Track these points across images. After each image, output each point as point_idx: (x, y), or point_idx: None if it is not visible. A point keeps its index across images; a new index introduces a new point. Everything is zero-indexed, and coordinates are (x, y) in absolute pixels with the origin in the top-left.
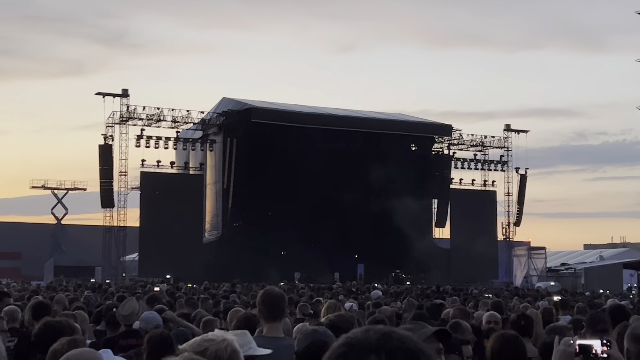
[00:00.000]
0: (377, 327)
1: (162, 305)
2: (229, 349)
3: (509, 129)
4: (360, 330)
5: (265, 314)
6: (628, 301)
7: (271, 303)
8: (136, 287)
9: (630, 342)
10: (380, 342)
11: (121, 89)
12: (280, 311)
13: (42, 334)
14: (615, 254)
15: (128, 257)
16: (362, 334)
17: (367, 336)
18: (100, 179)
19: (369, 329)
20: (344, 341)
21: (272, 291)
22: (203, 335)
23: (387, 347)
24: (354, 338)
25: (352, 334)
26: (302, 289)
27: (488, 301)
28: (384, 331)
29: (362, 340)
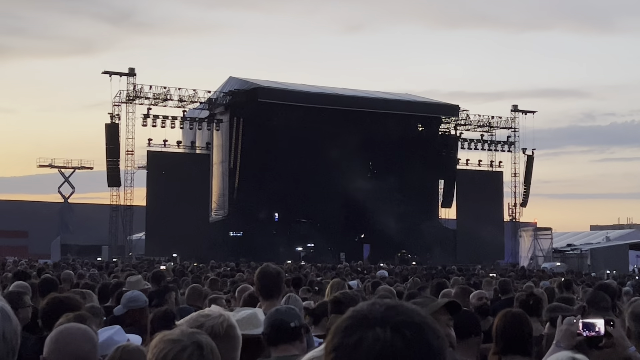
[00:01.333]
0: (384, 300)
1: (166, 283)
2: (225, 324)
3: (516, 110)
4: (366, 304)
5: (262, 292)
6: (631, 282)
7: (267, 281)
8: (143, 266)
9: (631, 321)
10: (385, 315)
11: (128, 68)
12: (277, 289)
13: (49, 310)
14: (622, 235)
15: (135, 236)
16: (368, 306)
17: (372, 309)
18: (107, 158)
19: (375, 302)
20: (350, 314)
21: (268, 269)
22: (200, 311)
23: (393, 321)
24: (359, 311)
25: (358, 306)
26: (306, 269)
27: (492, 280)
28: (390, 304)
29: (368, 313)
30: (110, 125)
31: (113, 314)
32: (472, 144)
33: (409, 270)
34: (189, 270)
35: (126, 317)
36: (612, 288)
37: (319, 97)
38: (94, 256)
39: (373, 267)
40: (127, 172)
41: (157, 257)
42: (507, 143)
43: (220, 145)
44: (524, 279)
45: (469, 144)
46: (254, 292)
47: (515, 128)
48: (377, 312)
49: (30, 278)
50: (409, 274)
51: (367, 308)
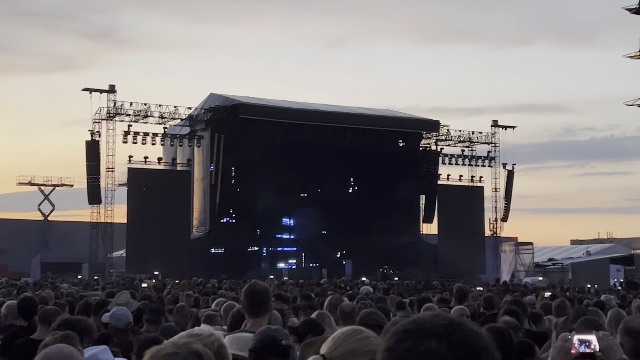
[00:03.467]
0: (447, 315)
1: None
2: (216, 343)
3: (497, 125)
4: (430, 314)
5: (249, 309)
6: (614, 296)
7: (254, 298)
8: (125, 283)
9: (624, 336)
10: (445, 329)
11: (108, 85)
12: (264, 306)
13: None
14: (602, 249)
15: (115, 254)
16: (431, 317)
17: (434, 320)
18: (87, 175)
19: (439, 314)
20: (413, 319)
21: (255, 286)
22: (189, 330)
23: (451, 337)
24: (421, 319)
25: (422, 315)
26: (290, 286)
27: (479, 294)
28: (453, 320)
29: (428, 324)
30: (91, 143)
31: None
32: (453, 159)
33: (391, 286)
34: (170, 287)
35: (112, 334)
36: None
37: (300, 113)
38: (74, 274)
39: (356, 283)
40: (108, 189)
41: (138, 275)
42: (488, 158)
43: (202, 161)
44: (507, 293)
45: (450, 159)
46: (241, 309)
47: (496, 143)
48: (437, 324)
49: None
50: (392, 289)
51: (429, 318)
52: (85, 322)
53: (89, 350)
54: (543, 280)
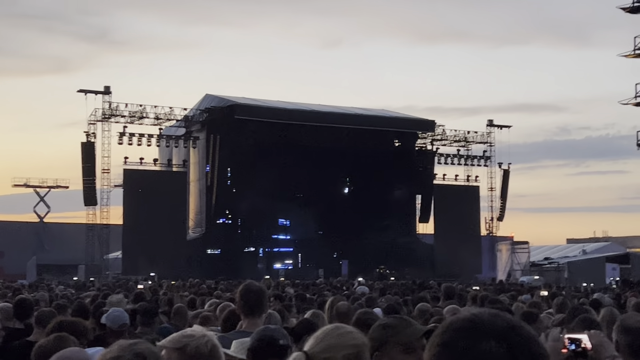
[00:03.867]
0: (506, 315)
1: (146, 303)
2: (209, 344)
3: (492, 124)
4: (487, 313)
5: (245, 309)
6: (608, 294)
7: (250, 298)
8: (120, 285)
9: (620, 334)
10: (506, 332)
11: (103, 86)
12: (260, 306)
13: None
14: (598, 248)
15: (111, 255)
16: (490, 317)
17: (494, 321)
18: (83, 177)
19: (498, 314)
20: (469, 317)
21: (251, 286)
22: (182, 331)
23: (512, 340)
24: (480, 318)
25: (479, 313)
26: (285, 286)
27: (476, 294)
28: (513, 323)
29: (488, 324)
30: (86, 144)
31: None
32: (449, 158)
33: (388, 286)
34: (165, 288)
35: (108, 336)
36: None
37: (296, 113)
38: (70, 276)
39: (352, 283)
40: (104, 190)
41: (134, 276)
42: (483, 158)
43: (197, 162)
44: (502, 292)
45: (446, 158)
46: (235, 309)
47: (491, 143)
48: (497, 325)
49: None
50: (388, 289)
51: (487, 317)
52: (80, 324)
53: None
54: (539, 279)
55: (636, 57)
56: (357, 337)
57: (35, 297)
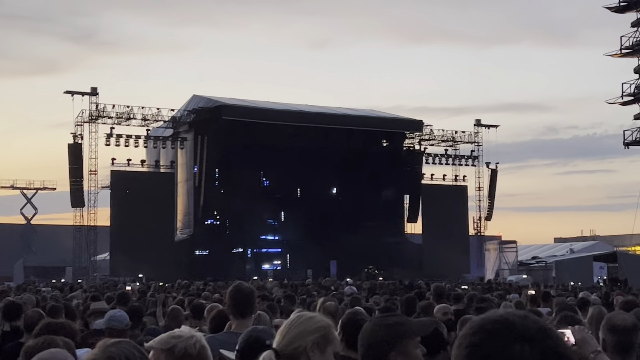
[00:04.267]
0: (535, 317)
1: (133, 304)
2: (197, 345)
3: (480, 124)
4: (517, 315)
5: (234, 310)
6: (597, 293)
7: (239, 299)
8: (108, 287)
9: (607, 333)
10: (537, 335)
11: (90, 88)
12: (249, 307)
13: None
14: (585, 247)
15: (99, 257)
16: (520, 319)
17: (525, 323)
18: (70, 179)
19: (528, 316)
20: (498, 318)
21: (240, 287)
22: (170, 332)
23: (543, 344)
24: (509, 319)
25: (509, 315)
26: (273, 287)
27: (464, 293)
28: (543, 325)
29: (519, 326)
30: (73, 145)
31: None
32: (437, 158)
33: (376, 286)
34: (153, 290)
35: (107, 336)
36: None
37: (283, 114)
38: (57, 277)
39: (341, 284)
40: (91, 192)
41: (122, 278)
42: (471, 157)
43: (185, 163)
44: (490, 292)
45: (434, 158)
46: (224, 310)
47: (479, 142)
48: (529, 328)
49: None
50: (376, 289)
51: (518, 320)
52: (67, 326)
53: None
54: (527, 278)
55: (622, 57)
56: (319, 320)
57: (24, 300)
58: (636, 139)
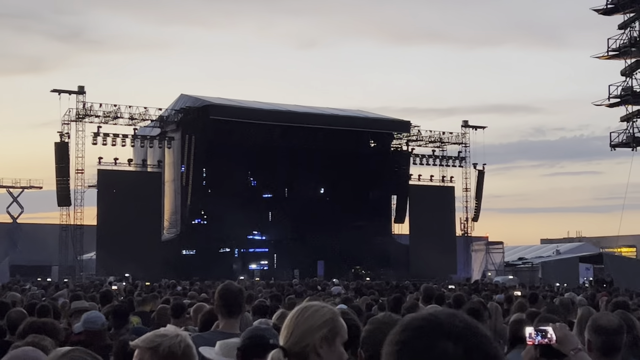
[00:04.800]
0: (463, 315)
1: (117, 303)
2: (182, 344)
3: (467, 125)
4: (445, 312)
5: (222, 310)
6: (583, 294)
7: (228, 299)
8: (95, 286)
9: (592, 333)
10: (463, 333)
11: (77, 86)
12: (238, 307)
13: (27, 335)
14: (572, 248)
15: (85, 256)
16: (447, 317)
17: (452, 321)
18: (57, 177)
19: (455, 314)
20: (427, 316)
21: (229, 286)
22: (155, 331)
23: (468, 341)
24: (437, 318)
25: (436, 312)
26: (259, 287)
27: (450, 294)
28: (470, 323)
29: (445, 324)
30: (60, 144)
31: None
32: (424, 159)
33: (363, 286)
34: (140, 289)
35: (84, 338)
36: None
37: (271, 113)
38: (44, 277)
39: (328, 284)
40: (77, 191)
41: (109, 277)
42: (458, 158)
43: (172, 163)
44: (477, 292)
45: (421, 159)
46: (212, 309)
47: (466, 143)
48: (455, 326)
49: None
50: (363, 289)
51: (445, 317)
52: (50, 324)
53: None
54: (513, 279)
55: (609, 59)
56: (325, 313)
57: (14, 299)
58: (622, 141)
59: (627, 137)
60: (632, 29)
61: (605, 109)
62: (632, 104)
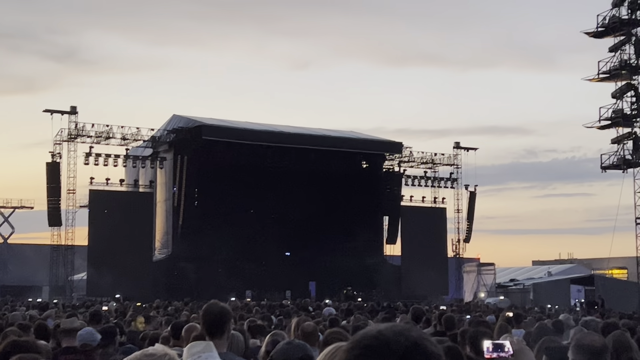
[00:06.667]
0: (410, 333)
1: (108, 323)
2: None
3: (459, 147)
4: (393, 330)
5: (206, 330)
6: (571, 316)
7: (209, 319)
8: (87, 307)
9: (576, 353)
10: (408, 351)
11: (70, 106)
12: (221, 327)
13: (8, 354)
14: (563, 270)
15: (76, 277)
16: (394, 335)
17: (398, 340)
18: (48, 197)
19: (402, 332)
20: (375, 333)
21: (212, 307)
22: (143, 350)
23: (413, 359)
24: (385, 337)
25: (384, 330)
26: (254, 308)
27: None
28: (416, 340)
29: (392, 342)
30: (51, 164)
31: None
32: (416, 180)
33: (354, 307)
34: (132, 310)
35: (79, 354)
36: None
37: (264, 134)
38: (34, 297)
39: (319, 305)
40: (69, 211)
41: (100, 298)
42: (450, 179)
43: (164, 183)
44: (469, 313)
45: (413, 180)
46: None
47: (458, 165)
48: (401, 345)
49: None
50: (355, 310)
51: (392, 335)
52: (31, 344)
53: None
54: (505, 300)
55: (600, 81)
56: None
57: (14, 320)
58: (613, 163)
59: (618, 159)
60: (622, 52)
61: (597, 130)
62: (623, 126)
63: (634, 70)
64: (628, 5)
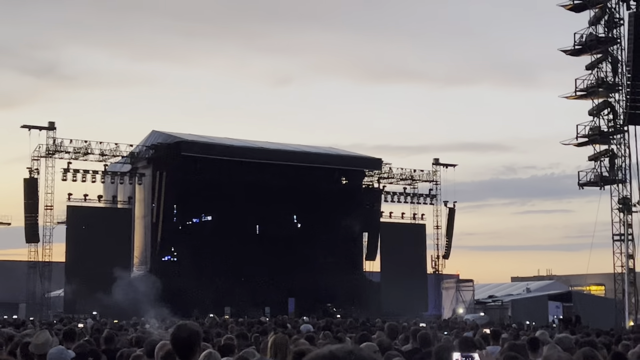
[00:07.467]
0: (360, 352)
1: (82, 341)
2: None
3: (438, 163)
4: (344, 350)
5: (177, 353)
6: (547, 332)
7: (180, 344)
8: (65, 324)
9: None
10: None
11: (48, 122)
12: (189, 350)
13: None
14: (542, 286)
15: (54, 293)
16: (345, 355)
17: (348, 358)
18: (25, 214)
19: (354, 352)
20: (326, 354)
21: (181, 331)
22: None
23: None
24: (334, 356)
25: (336, 350)
26: (230, 324)
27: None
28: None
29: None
30: (29, 180)
31: None
32: (395, 196)
33: (332, 323)
34: (110, 327)
35: None
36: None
37: (243, 150)
38: (10, 314)
39: (298, 321)
40: (46, 227)
41: (77, 315)
42: (429, 196)
43: (143, 199)
44: (447, 330)
45: (392, 196)
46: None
47: (437, 181)
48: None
49: None
50: (333, 327)
51: (343, 355)
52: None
53: None
54: (483, 316)
55: (577, 99)
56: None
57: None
58: (590, 180)
59: (595, 176)
60: (599, 69)
61: (575, 147)
62: (600, 143)
63: (611, 87)
64: (604, 23)
